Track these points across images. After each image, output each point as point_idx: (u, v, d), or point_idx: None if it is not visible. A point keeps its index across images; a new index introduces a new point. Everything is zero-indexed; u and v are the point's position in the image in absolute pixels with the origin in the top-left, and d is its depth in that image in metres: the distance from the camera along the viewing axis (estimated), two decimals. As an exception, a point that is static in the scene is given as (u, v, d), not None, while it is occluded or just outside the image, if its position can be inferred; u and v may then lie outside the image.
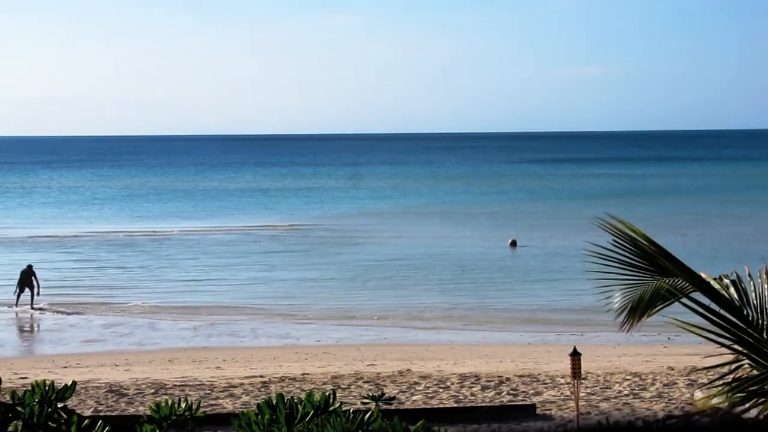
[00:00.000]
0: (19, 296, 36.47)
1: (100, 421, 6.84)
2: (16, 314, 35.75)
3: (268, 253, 50.15)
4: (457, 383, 21.32)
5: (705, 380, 20.36)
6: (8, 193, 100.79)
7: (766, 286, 8.10)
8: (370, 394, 10.66)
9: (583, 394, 19.10)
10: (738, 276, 8.26)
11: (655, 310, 8.29)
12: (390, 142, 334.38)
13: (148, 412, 7.36)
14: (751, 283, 8.18)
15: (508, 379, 21.76)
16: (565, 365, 18.23)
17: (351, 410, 7.12)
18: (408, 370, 23.23)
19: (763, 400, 7.29)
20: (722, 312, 7.62)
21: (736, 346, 7.51)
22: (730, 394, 7.37)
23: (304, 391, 17.70)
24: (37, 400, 6.76)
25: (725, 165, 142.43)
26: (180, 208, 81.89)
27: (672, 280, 8.05)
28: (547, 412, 18.33)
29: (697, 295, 7.75)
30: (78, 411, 11.65)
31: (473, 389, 20.72)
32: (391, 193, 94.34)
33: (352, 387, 21.03)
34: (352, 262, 45.90)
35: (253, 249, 51.97)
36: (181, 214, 74.62)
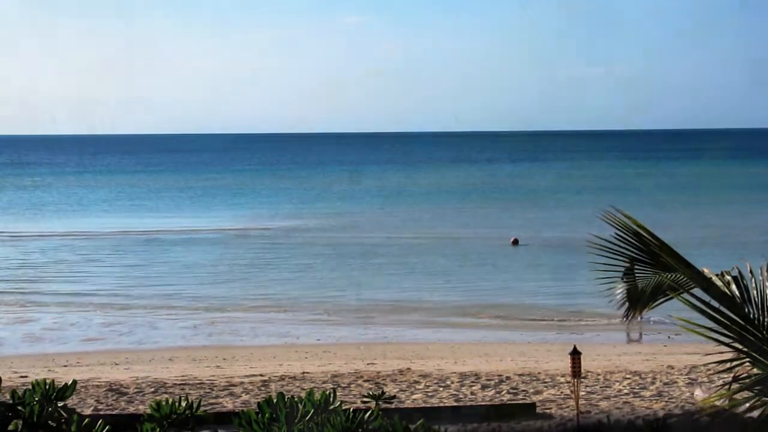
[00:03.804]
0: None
1: (100, 420, 6.84)
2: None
3: (268, 251, 50.09)
4: (457, 382, 21.31)
5: (705, 379, 20.37)
6: (8, 190, 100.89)
7: (767, 283, 8.08)
8: (370, 393, 10.66)
9: (583, 393, 19.09)
10: (740, 273, 8.24)
11: (655, 304, 8.30)
12: (391, 140, 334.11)
13: (149, 411, 7.36)
14: (753, 280, 8.16)
15: (508, 377, 21.74)
16: (565, 364, 18.22)
17: (351, 409, 7.13)
18: (408, 368, 23.22)
19: (764, 399, 7.26)
20: (723, 309, 7.60)
21: (736, 345, 7.48)
22: (730, 393, 7.34)
23: (305, 390, 17.70)
24: (37, 399, 6.76)
25: (726, 163, 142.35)
26: (178, 206, 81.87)
27: (674, 275, 8.04)
28: (547, 410, 18.32)
29: (699, 292, 7.73)
30: (78, 410, 11.64)
31: (473, 388, 20.70)
32: (392, 191, 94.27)
33: (352, 386, 21.01)
34: (352, 261, 45.90)
35: (252, 247, 51.91)
36: (179, 213, 74.58)
